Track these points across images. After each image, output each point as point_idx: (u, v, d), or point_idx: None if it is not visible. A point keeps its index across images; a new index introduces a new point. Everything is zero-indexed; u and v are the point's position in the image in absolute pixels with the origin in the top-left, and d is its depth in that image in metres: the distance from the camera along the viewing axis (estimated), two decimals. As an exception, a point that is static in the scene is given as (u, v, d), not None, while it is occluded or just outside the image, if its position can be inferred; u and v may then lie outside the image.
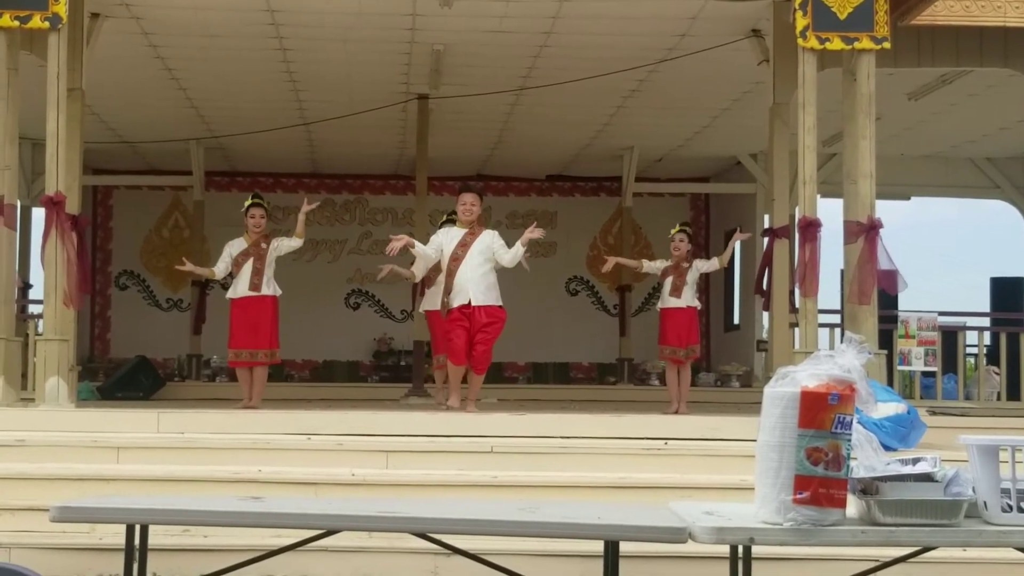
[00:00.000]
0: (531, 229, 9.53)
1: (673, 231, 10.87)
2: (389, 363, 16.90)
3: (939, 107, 13.26)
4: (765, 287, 10.27)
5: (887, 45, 9.09)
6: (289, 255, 10.47)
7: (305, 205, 10.36)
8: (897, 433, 8.09)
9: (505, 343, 10.77)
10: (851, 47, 9.08)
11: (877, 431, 7.03)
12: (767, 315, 11.43)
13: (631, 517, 4.69)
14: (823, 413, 4.13)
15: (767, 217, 11.09)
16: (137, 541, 4.96)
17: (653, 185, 16.95)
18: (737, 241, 11.17)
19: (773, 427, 4.19)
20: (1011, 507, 4.26)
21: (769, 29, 10.03)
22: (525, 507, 5.11)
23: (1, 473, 7.36)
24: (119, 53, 11.16)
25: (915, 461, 4.38)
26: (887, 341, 11.74)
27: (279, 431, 8.22)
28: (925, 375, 13.13)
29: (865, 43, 9.05)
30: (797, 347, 9.16)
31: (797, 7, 9.04)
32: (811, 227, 9.01)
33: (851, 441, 4.18)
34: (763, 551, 4.65)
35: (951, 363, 13.45)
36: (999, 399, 13.38)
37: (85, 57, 9.63)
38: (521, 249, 9.55)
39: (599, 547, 4.77)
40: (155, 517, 4.91)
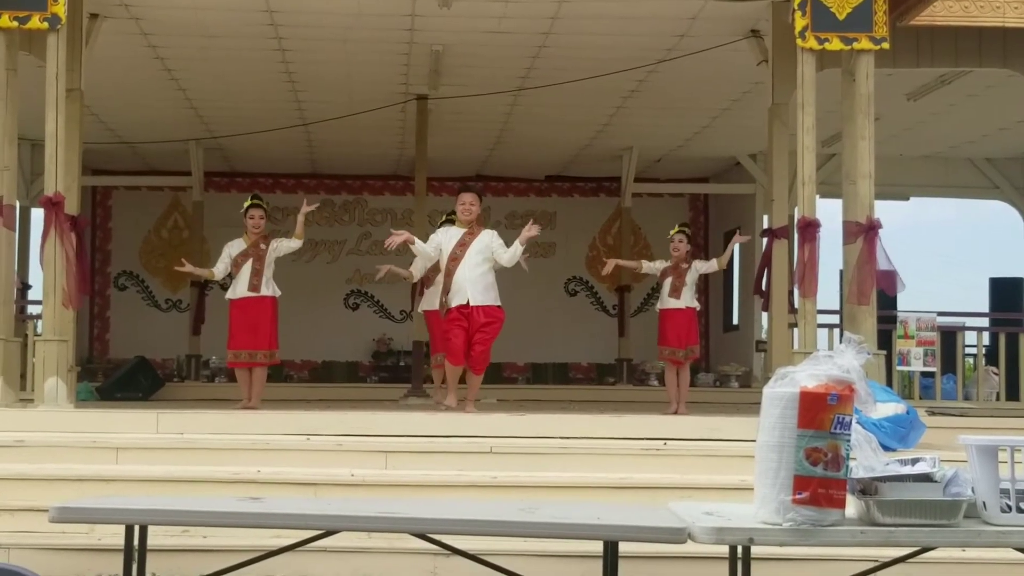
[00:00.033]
0: (529, 227, 9.53)
1: (672, 232, 10.88)
2: (388, 363, 16.89)
3: (938, 107, 13.26)
4: (764, 287, 10.27)
5: (886, 45, 9.09)
6: (288, 256, 10.48)
7: (304, 206, 10.36)
8: (896, 433, 8.09)
9: (504, 343, 10.77)
10: (850, 47, 9.08)
11: (876, 431, 7.02)
12: (766, 315, 11.44)
13: (631, 517, 4.69)
14: (822, 413, 4.13)
15: (766, 217, 11.10)
16: (136, 541, 4.96)
17: (652, 185, 16.95)
18: (736, 243, 11.20)
19: (772, 427, 4.20)
20: (1010, 507, 4.26)
21: (768, 29, 10.03)
22: (525, 507, 5.10)
23: (1, 474, 7.35)
24: (118, 53, 11.15)
25: (914, 461, 4.38)
26: (886, 341, 11.74)
27: (278, 431, 8.22)
28: (924, 375, 13.14)
29: (864, 43, 9.05)
30: (796, 347, 9.16)
31: (796, 7, 9.04)
32: (810, 227, 9.01)
33: (850, 441, 4.18)
34: (762, 551, 4.66)
35: (950, 363, 13.45)
36: (998, 399, 13.38)
37: (84, 58, 9.62)
38: (520, 248, 9.54)
39: (599, 547, 4.77)
40: (154, 518, 4.91)
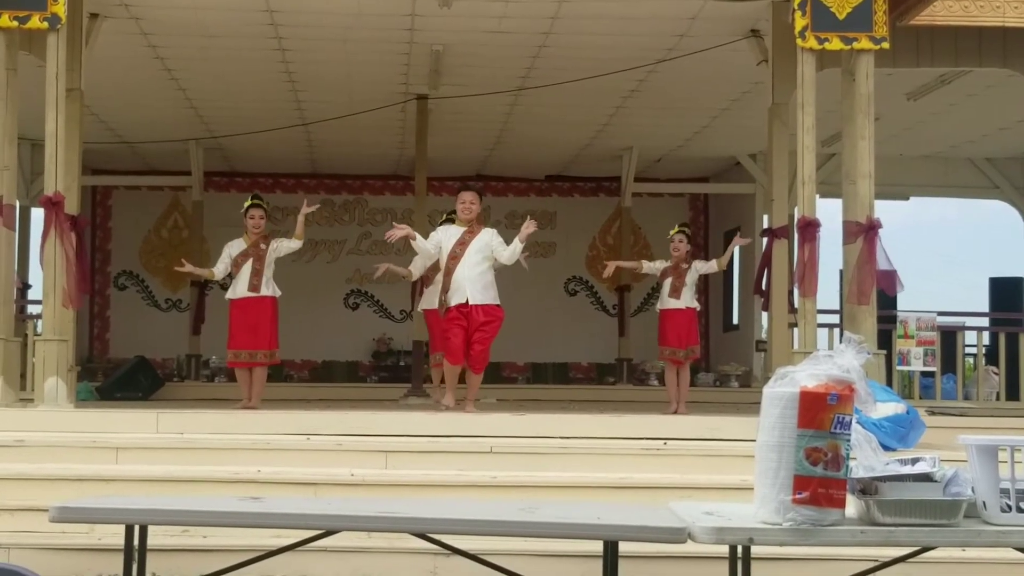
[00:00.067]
0: (527, 224, 9.53)
1: (672, 232, 10.88)
2: (388, 363, 16.90)
3: (938, 107, 13.26)
4: (764, 287, 10.27)
5: (886, 45, 9.09)
6: (288, 255, 10.47)
7: (305, 207, 10.35)
8: (896, 433, 8.09)
9: (504, 343, 10.78)
10: (850, 47, 9.08)
11: (876, 431, 7.03)
12: (766, 315, 11.44)
13: (631, 517, 4.69)
14: (822, 413, 4.13)
15: (766, 217, 11.10)
16: (136, 541, 4.96)
17: (652, 185, 16.95)
18: (736, 246, 11.21)
19: (772, 427, 4.20)
20: (1010, 507, 4.26)
21: (768, 29, 10.03)
22: (525, 507, 5.10)
23: (1, 473, 7.35)
24: (118, 53, 11.15)
25: (914, 461, 4.38)
26: (886, 341, 11.74)
27: (278, 431, 8.22)
28: (924, 375, 13.14)
29: (864, 43, 9.05)
30: (796, 347, 9.16)
31: (796, 7, 9.04)
32: (810, 227, 9.01)
33: (850, 441, 4.18)
34: (762, 551, 4.66)
35: (950, 363, 13.45)
36: (998, 399, 13.38)
37: (84, 57, 9.62)
38: (520, 245, 9.54)
39: (599, 547, 4.77)
40: (154, 517, 4.91)
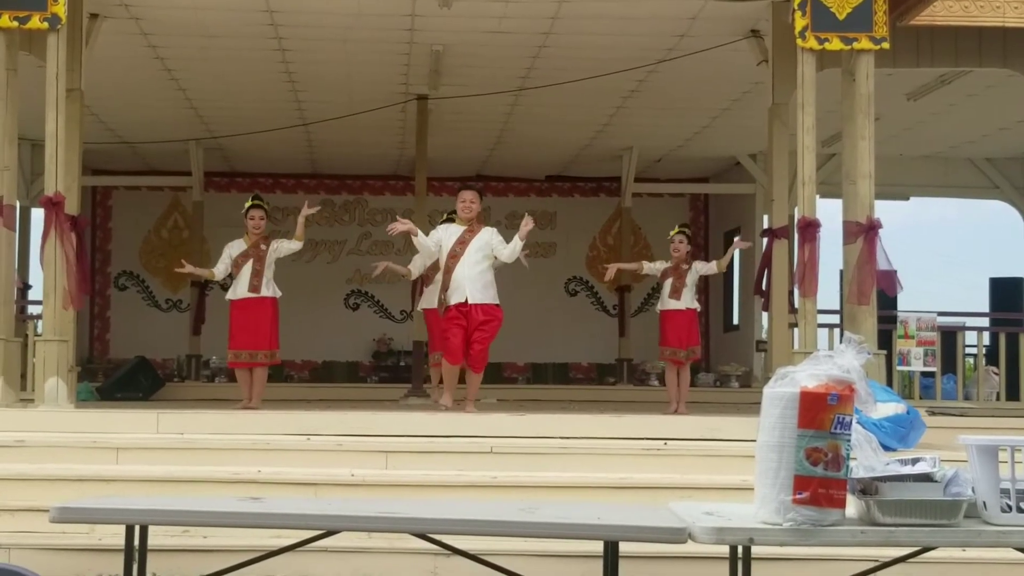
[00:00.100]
0: (525, 221, 9.53)
1: (672, 232, 10.88)
2: (388, 363, 16.90)
3: (938, 107, 13.26)
4: (764, 287, 10.27)
5: (886, 45, 9.09)
6: (288, 256, 10.48)
7: (305, 209, 10.34)
8: (896, 433, 8.09)
9: (504, 343, 10.78)
10: (850, 47, 9.08)
11: (876, 431, 7.03)
12: (766, 315, 11.43)
13: (631, 517, 4.69)
14: (822, 413, 4.13)
15: (766, 217, 11.10)
16: (137, 542, 4.96)
17: (652, 185, 16.95)
18: (737, 249, 11.21)
19: (772, 427, 4.20)
20: (1010, 507, 4.26)
21: (768, 29, 10.03)
22: (525, 507, 5.10)
23: (1, 474, 7.35)
24: (118, 54, 11.16)
25: (914, 461, 4.38)
26: (886, 341, 11.74)
27: (279, 432, 8.22)
28: (924, 375, 13.14)
29: (864, 43, 9.05)
30: (796, 347, 9.16)
31: (796, 7, 9.04)
32: (810, 227, 9.01)
33: (850, 441, 4.18)
34: (763, 551, 4.66)
35: (950, 363, 13.45)
36: (998, 399, 13.38)
37: (84, 58, 9.62)
38: (519, 243, 9.53)
39: (599, 547, 4.77)
40: (155, 518, 4.91)
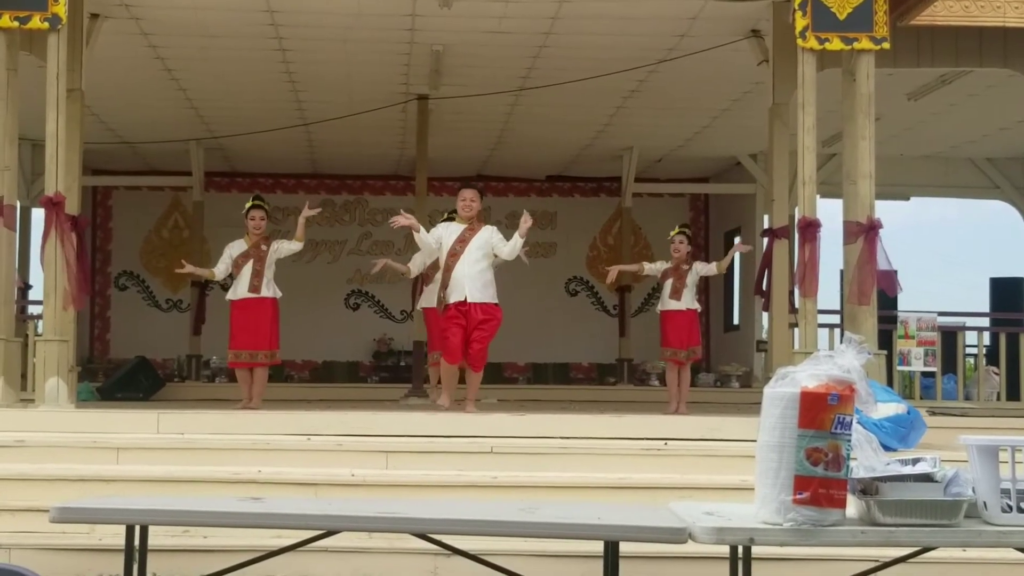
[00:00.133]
0: (524, 219, 9.52)
1: (673, 233, 10.89)
2: (389, 364, 16.89)
3: (939, 107, 13.26)
4: (765, 287, 10.27)
5: (886, 45, 9.09)
6: (288, 256, 10.48)
7: (306, 210, 10.33)
8: (897, 433, 8.09)
9: (505, 343, 10.78)
10: (850, 47, 9.08)
11: (877, 431, 7.02)
12: (767, 315, 11.43)
13: (631, 517, 4.69)
14: (823, 413, 4.13)
15: (767, 217, 11.10)
16: (137, 542, 4.96)
17: (653, 185, 16.95)
18: (737, 252, 11.21)
19: (773, 427, 4.20)
20: (1011, 507, 4.26)
21: (769, 29, 10.03)
22: (525, 507, 5.10)
23: (1, 474, 7.35)
24: (119, 54, 11.15)
25: (915, 461, 4.38)
26: (887, 341, 11.74)
27: (279, 432, 8.22)
28: (925, 375, 13.14)
29: (864, 43, 9.05)
30: (797, 347, 9.16)
31: (797, 7, 9.04)
32: (810, 227, 9.01)
33: (851, 441, 4.18)
34: (763, 551, 4.66)
35: (951, 363, 13.45)
36: (999, 399, 13.38)
37: (85, 58, 9.62)
38: (519, 240, 9.52)
39: (599, 547, 4.77)
40: (155, 518, 4.91)
